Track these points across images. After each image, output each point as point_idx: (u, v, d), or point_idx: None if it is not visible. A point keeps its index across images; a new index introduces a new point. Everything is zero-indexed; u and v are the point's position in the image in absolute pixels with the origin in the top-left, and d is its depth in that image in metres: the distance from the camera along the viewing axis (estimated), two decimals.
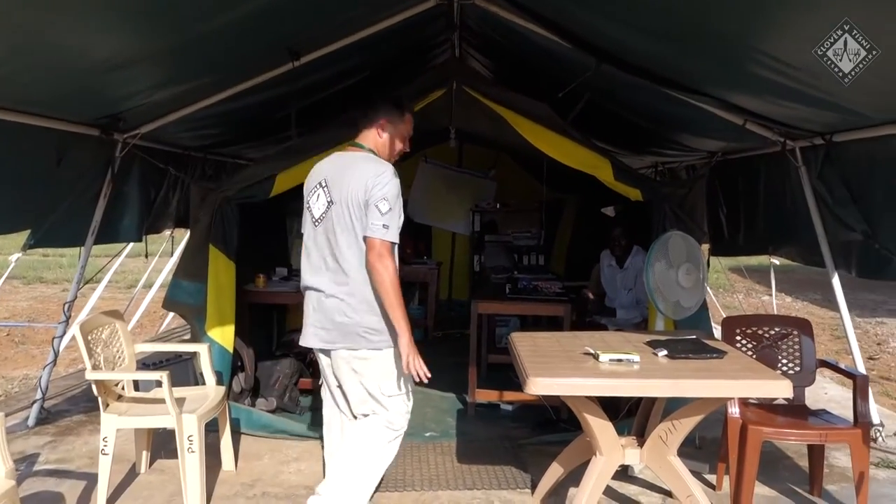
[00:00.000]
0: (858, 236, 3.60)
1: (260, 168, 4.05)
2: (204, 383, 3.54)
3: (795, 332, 3.35)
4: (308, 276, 2.73)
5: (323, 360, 2.81)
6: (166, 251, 6.10)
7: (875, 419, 4.05)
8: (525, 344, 2.97)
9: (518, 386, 4.62)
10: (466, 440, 3.98)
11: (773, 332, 3.38)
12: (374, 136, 2.79)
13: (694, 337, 3.02)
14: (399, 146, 2.87)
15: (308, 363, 5.14)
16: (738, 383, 2.41)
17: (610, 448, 2.72)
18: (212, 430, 3.43)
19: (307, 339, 2.75)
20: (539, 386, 2.41)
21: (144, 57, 3.03)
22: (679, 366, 2.63)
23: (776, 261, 4.97)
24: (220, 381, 3.71)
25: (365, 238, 2.55)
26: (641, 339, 3.08)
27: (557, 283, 5.07)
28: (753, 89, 3.31)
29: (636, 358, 2.66)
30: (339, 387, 2.79)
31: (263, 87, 3.94)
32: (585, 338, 3.13)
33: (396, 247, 2.64)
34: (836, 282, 4.02)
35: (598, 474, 2.71)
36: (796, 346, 3.35)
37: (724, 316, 3.50)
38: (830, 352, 7.26)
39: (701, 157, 5.48)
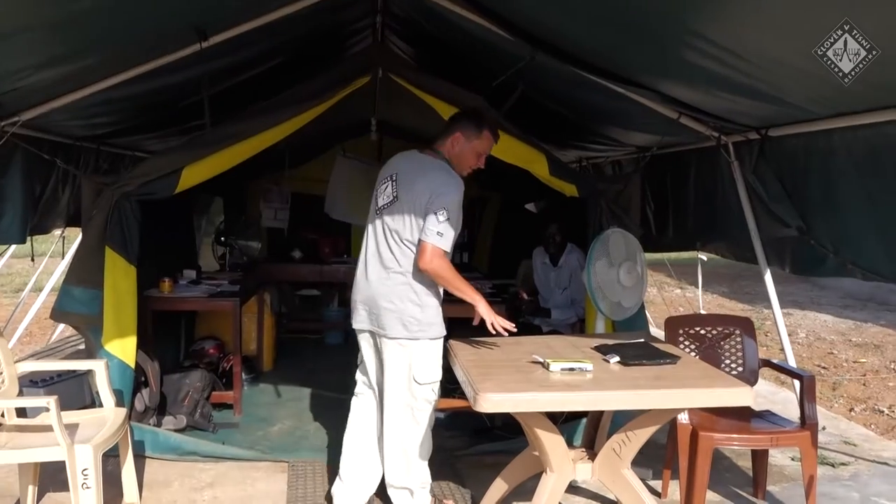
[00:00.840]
0: (793, 232, 3.56)
1: (163, 160, 3.63)
2: (101, 403, 3.12)
3: (738, 332, 3.28)
4: (362, 258, 2.96)
5: (365, 342, 3.00)
6: (57, 251, 5.49)
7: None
8: (467, 353, 2.73)
9: (450, 391, 4.45)
10: None
11: (715, 332, 3.29)
12: (449, 146, 2.91)
13: (643, 341, 2.88)
14: (472, 162, 2.96)
15: (221, 374, 4.74)
16: (699, 393, 2.26)
17: (561, 464, 2.53)
18: (112, 454, 3.02)
19: (355, 319, 2.98)
20: (490, 403, 2.18)
21: (20, 30, 2.58)
22: (634, 373, 2.47)
23: (703, 256, 4.95)
24: (120, 401, 3.29)
25: (419, 242, 2.72)
26: (588, 343, 2.91)
27: (487, 283, 4.87)
28: (692, 79, 3.18)
29: (589, 366, 2.48)
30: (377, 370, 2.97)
31: (166, 70, 3.52)
32: (528, 343, 2.93)
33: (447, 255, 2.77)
34: (768, 278, 3.99)
35: (550, 492, 2.52)
36: (739, 346, 3.27)
37: (668, 316, 3.39)
38: None
39: (627, 152, 5.41)
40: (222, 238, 5.79)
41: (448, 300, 3.00)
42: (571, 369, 2.46)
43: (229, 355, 4.69)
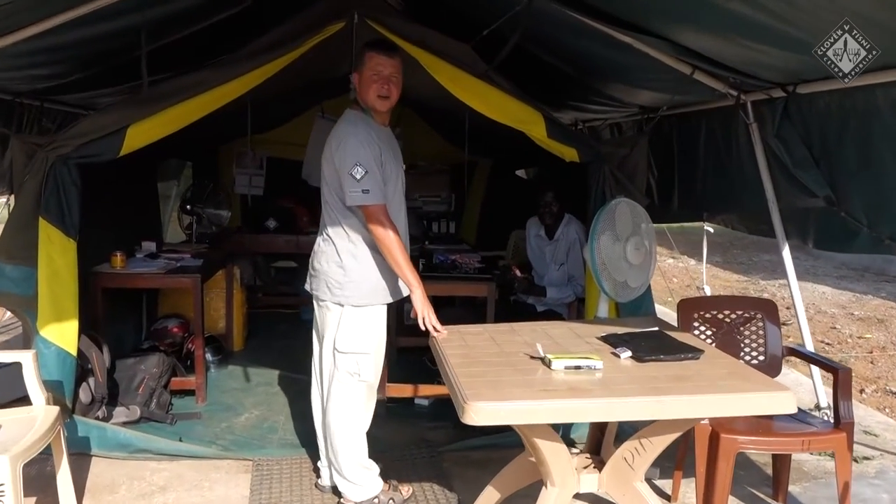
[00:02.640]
0: (821, 203, 3.16)
1: (106, 118, 3.15)
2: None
3: (760, 316, 2.90)
4: None
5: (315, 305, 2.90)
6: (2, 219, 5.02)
7: (822, 401, 3.72)
8: (453, 346, 2.33)
9: (434, 375, 4.06)
10: (378, 449, 3.29)
11: (734, 317, 2.90)
12: (358, 92, 2.75)
13: (657, 329, 2.48)
14: (376, 90, 2.67)
15: (185, 355, 4.33)
16: (733, 399, 1.88)
17: (564, 477, 2.15)
18: (47, 453, 2.61)
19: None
20: (483, 414, 1.78)
21: None
22: (651, 372, 2.08)
23: (710, 228, 4.56)
24: (58, 396, 2.88)
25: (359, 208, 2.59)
26: (592, 331, 2.52)
27: (476, 257, 4.46)
28: (712, 24, 2.74)
29: (598, 364, 2.08)
30: None
31: (101, 15, 3.02)
32: (525, 332, 2.53)
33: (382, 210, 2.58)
34: (786, 254, 3.63)
35: None
36: (761, 332, 2.90)
37: (682, 298, 3.00)
38: None
39: (629, 113, 4.96)
40: (188, 206, 5.33)
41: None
42: (578, 367, 2.07)
43: (194, 335, 4.27)
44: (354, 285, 2.66)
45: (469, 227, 7.38)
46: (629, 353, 2.20)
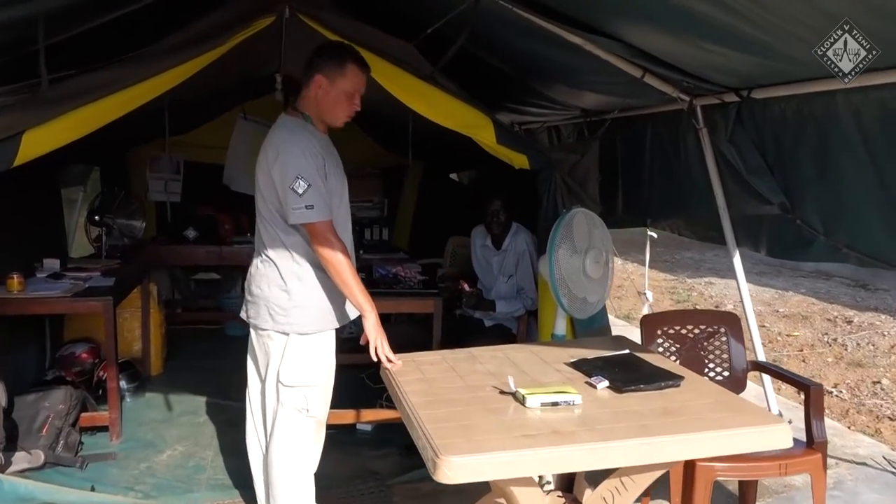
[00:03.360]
0: (775, 210, 3.09)
1: None
2: None
3: (723, 330, 2.79)
4: None
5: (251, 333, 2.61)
6: None
7: (774, 410, 3.67)
8: (410, 381, 2.09)
9: (375, 395, 3.81)
10: (321, 486, 2.96)
11: (697, 331, 2.78)
12: (312, 96, 2.41)
13: (627, 353, 2.31)
14: (345, 107, 2.43)
15: (97, 384, 3.90)
16: (729, 436, 1.71)
17: None
18: None
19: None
20: (461, 470, 1.54)
21: None
22: (633, 404, 1.90)
23: (654, 233, 4.47)
24: None
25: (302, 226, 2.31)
26: (558, 355, 2.33)
27: (416, 267, 4.22)
28: (673, 25, 2.61)
29: (576, 398, 1.89)
30: None
31: None
32: (487, 359, 2.32)
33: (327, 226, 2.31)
34: (737, 261, 3.54)
35: None
36: (724, 347, 2.78)
37: (645, 314, 2.85)
38: None
39: (569, 116, 4.84)
40: (97, 217, 4.85)
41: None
42: (555, 404, 1.86)
43: (106, 361, 3.84)
44: (301, 311, 2.39)
45: (402, 233, 7.14)
46: (606, 383, 2.02)
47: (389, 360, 2.28)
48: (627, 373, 2.08)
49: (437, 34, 3.22)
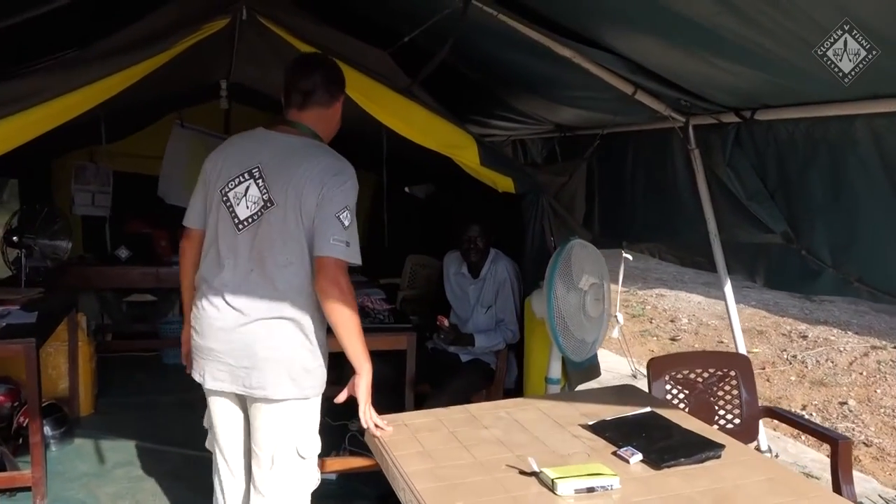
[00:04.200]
0: (777, 239, 2.90)
1: None
2: None
3: (733, 374, 2.55)
4: (203, 287, 2.04)
5: (222, 407, 2.13)
6: None
7: (763, 445, 3.49)
8: (407, 454, 1.76)
9: (336, 437, 3.45)
10: None
11: (706, 375, 2.54)
12: (327, 120, 2.14)
13: (649, 411, 2.04)
14: (337, 128, 2.22)
15: (16, 433, 3.41)
16: None
17: None
18: None
19: (207, 376, 2.06)
20: None
21: None
22: (677, 484, 1.62)
23: (629, 255, 4.27)
24: None
25: (316, 258, 1.93)
26: (568, 413, 2.05)
27: (380, 295, 3.88)
28: (681, 37, 2.37)
29: (614, 482, 1.59)
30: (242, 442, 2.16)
31: None
32: (488, 419, 2.01)
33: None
34: (728, 290, 3.35)
35: None
36: (735, 392, 2.55)
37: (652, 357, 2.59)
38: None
39: (539, 131, 4.59)
40: (15, 238, 4.30)
41: None
42: (590, 490, 1.57)
43: (27, 405, 3.35)
44: (322, 369, 2.08)
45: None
46: (639, 456, 1.73)
47: (377, 426, 1.97)
48: (659, 441, 1.81)
49: (411, 42, 2.90)
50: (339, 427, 3.98)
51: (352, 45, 2.73)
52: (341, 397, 2.04)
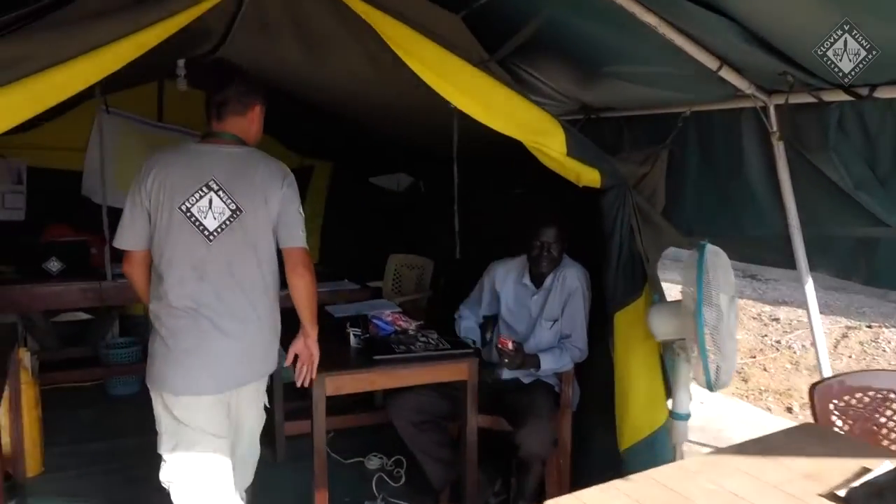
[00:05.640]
0: (889, 233, 2.58)
1: None
2: None
3: (894, 396, 2.19)
4: (190, 302, 2.12)
5: (209, 404, 2.18)
6: None
7: None
8: None
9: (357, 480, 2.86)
10: None
11: (867, 399, 2.17)
12: (247, 125, 2.28)
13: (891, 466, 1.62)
14: (260, 135, 2.37)
15: None
16: None
17: None
18: None
19: (201, 386, 2.14)
20: None
21: None
22: None
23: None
24: None
25: (287, 250, 2.24)
26: (793, 483, 1.59)
27: (394, 308, 3.32)
28: None
29: None
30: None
31: None
32: (690, 488, 1.53)
33: None
34: (809, 288, 3.01)
35: None
36: None
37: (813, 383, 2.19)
38: None
39: (560, 111, 4.09)
40: None
41: None
42: None
43: None
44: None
45: (311, 244, 6.07)
46: None
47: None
48: None
49: (483, 6, 2.34)
50: (353, 467, 3.42)
51: (419, 6, 2.15)
52: (289, 359, 2.34)
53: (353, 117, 3.56)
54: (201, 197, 2.09)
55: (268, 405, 2.44)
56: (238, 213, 2.11)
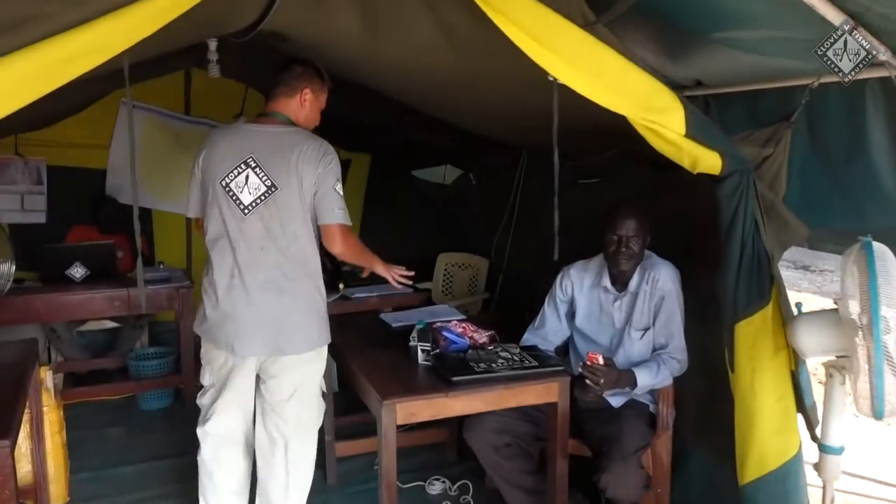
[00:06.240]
0: None
1: None
2: None
3: None
4: (227, 272, 2.30)
5: (243, 372, 2.37)
6: None
7: None
8: None
9: None
10: None
11: None
12: (296, 107, 2.40)
13: None
14: (317, 122, 2.47)
15: None
16: None
17: None
18: None
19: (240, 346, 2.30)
20: None
21: None
22: None
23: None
24: None
25: (324, 226, 2.30)
26: None
27: (457, 315, 2.95)
28: None
29: None
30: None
31: None
32: None
33: None
34: None
35: None
36: None
37: None
38: None
39: None
40: None
41: None
42: None
43: None
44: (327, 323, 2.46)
45: None
46: None
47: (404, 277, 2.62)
48: None
49: None
50: (413, 493, 3.05)
51: None
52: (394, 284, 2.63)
53: (408, 102, 3.16)
54: (239, 173, 2.24)
55: (325, 390, 2.50)
56: (273, 189, 2.22)
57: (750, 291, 2.14)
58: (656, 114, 1.92)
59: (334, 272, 3.76)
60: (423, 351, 2.41)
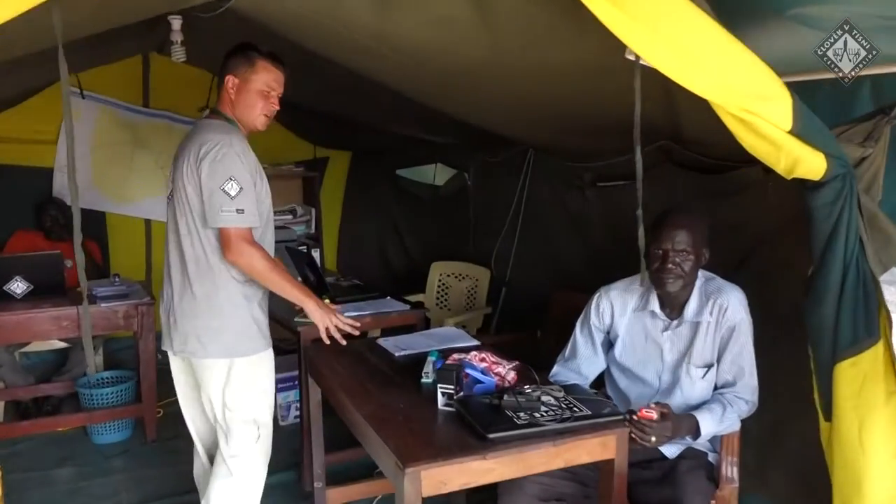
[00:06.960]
0: None
1: None
2: None
3: None
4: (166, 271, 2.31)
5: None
6: None
7: None
8: None
9: None
10: None
11: None
12: (226, 100, 2.23)
13: None
14: (260, 106, 2.21)
15: None
16: None
17: None
18: None
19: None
20: None
21: None
22: None
23: None
24: None
25: (217, 229, 2.13)
26: None
27: (467, 340, 2.52)
28: None
29: None
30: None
31: None
32: None
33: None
34: None
35: None
36: None
37: None
38: None
39: None
40: None
41: None
42: None
43: None
44: (231, 332, 2.22)
45: (329, 248, 5.26)
46: None
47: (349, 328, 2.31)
48: None
49: None
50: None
51: None
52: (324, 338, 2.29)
53: (408, 91, 2.71)
54: (172, 174, 2.23)
55: (230, 409, 2.24)
56: (174, 190, 2.19)
57: (856, 325, 1.74)
58: (759, 103, 1.51)
59: (318, 285, 3.30)
60: (444, 394, 1.96)
